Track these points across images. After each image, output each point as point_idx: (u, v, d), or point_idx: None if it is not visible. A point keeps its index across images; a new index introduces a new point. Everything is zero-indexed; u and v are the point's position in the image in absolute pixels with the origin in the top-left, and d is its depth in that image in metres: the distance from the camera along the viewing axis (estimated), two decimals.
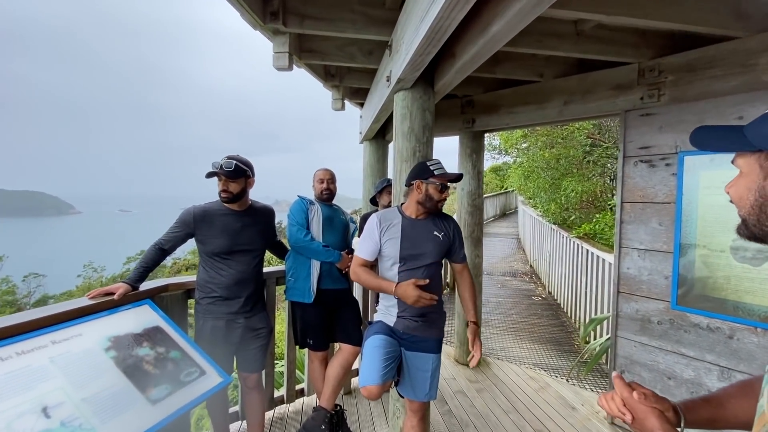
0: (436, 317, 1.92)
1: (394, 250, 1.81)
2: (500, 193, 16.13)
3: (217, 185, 2.02)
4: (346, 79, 3.11)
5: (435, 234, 1.83)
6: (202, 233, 2.04)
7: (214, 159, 2.15)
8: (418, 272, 1.80)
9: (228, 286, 2.04)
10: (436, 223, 1.87)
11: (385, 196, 2.94)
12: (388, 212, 1.91)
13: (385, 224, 1.86)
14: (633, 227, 2.53)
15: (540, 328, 4.53)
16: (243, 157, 2.07)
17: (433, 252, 1.81)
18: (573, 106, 2.83)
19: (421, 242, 1.81)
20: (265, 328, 2.16)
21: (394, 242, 1.82)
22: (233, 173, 1.97)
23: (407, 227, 1.83)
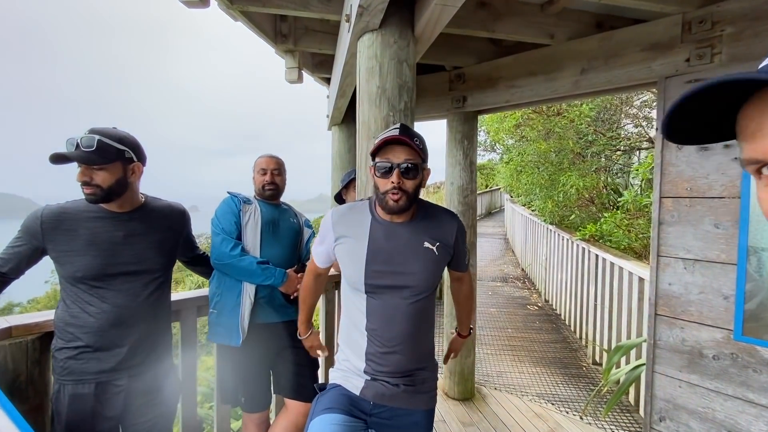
0: (426, 376, 1.25)
1: (355, 270, 1.17)
2: (485, 191, 15.66)
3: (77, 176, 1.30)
4: (302, 42, 2.41)
5: (426, 246, 1.19)
6: (57, 248, 1.30)
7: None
8: (397, 309, 1.16)
9: (99, 330, 1.31)
10: (427, 226, 1.22)
11: (352, 192, 2.25)
12: (354, 207, 1.28)
13: (344, 225, 1.23)
14: (677, 230, 1.92)
15: (540, 345, 3.92)
16: (123, 132, 1.35)
17: (422, 276, 1.17)
18: (593, 75, 2.20)
19: (401, 260, 1.16)
20: (165, 389, 1.44)
21: (355, 258, 1.18)
22: (96, 155, 1.25)
23: (378, 234, 1.18)
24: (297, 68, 2.47)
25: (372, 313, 1.18)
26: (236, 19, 2.09)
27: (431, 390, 1.28)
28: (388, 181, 1.11)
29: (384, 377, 1.18)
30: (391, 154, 1.11)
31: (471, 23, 2.17)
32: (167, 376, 1.47)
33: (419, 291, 1.17)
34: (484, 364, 3.50)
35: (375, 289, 1.16)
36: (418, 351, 1.21)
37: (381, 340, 1.16)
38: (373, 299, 1.17)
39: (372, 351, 1.18)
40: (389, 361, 1.17)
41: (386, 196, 1.12)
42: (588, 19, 2.27)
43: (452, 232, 1.25)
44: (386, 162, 1.11)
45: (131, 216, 1.40)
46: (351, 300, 1.24)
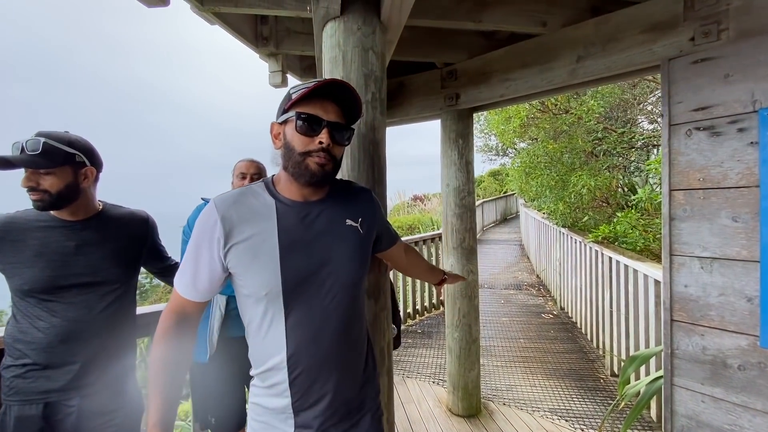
0: (369, 391, 1.02)
1: (267, 276, 0.86)
2: (500, 197, 15.36)
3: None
4: (285, 44, 2.35)
5: (349, 224, 0.96)
6: (4, 259, 1.24)
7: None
8: (328, 314, 0.90)
9: (48, 346, 1.23)
10: (344, 202, 0.98)
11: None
12: (245, 191, 0.94)
13: (238, 218, 0.88)
14: (690, 226, 1.73)
15: (555, 356, 3.67)
16: (75, 136, 1.29)
17: (352, 262, 0.93)
18: (590, 62, 2.05)
19: (324, 246, 0.91)
20: (123, 410, 1.34)
21: (264, 259, 0.86)
22: (41, 158, 1.18)
23: (289, 220, 0.90)
24: (281, 72, 2.40)
25: (293, 330, 0.87)
26: (213, 23, 2.04)
27: (374, 413, 1.02)
28: (312, 139, 0.87)
29: (318, 416, 0.90)
30: (320, 109, 0.88)
31: (455, 14, 2.06)
32: (127, 396, 1.37)
33: (350, 283, 0.92)
34: (493, 377, 3.29)
35: (297, 295, 0.87)
36: (352, 369, 0.97)
37: (306, 365, 0.88)
38: (296, 310, 0.88)
39: (295, 383, 0.89)
40: (318, 392, 0.90)
41: (306, 158, 0.86)
42: (583, 4, 2.13)
43: (372, 206, 1.04)
44: (315, 116, 0.87)
45: (85, 224, 1.33)
46: (260, 322, 0.90)
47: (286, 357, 0.88)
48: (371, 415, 1.00)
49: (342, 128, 0.91)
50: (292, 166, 0.88)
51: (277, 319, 0.88)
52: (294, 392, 0.89)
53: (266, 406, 0.92)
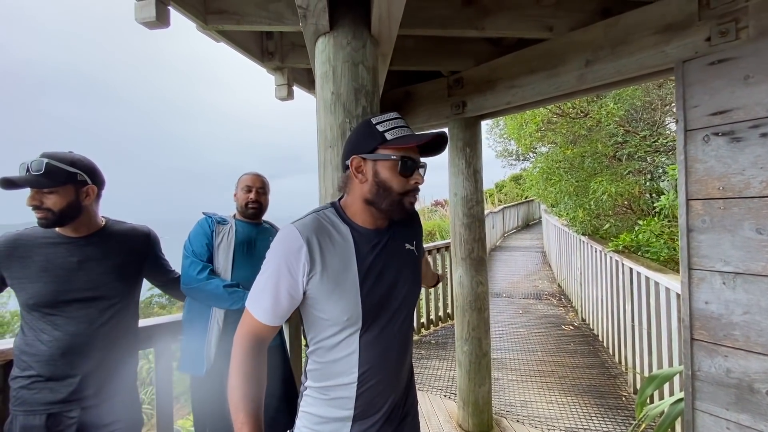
0: (410, 410, 1.08)
1: (348, 303, 0.89)
2: (522, 202, 15.02)
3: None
4: (290, 58, 2.38)
5: (408, 248, 1.03)
6: (12, 275, 1.29)
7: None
8: (393, 335, 0.95)
9: (51, 358, 1.27)
10: (400, 227, 1.04)
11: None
12: (322, 218, 0.95)
13: (322, 245, 0.90)
14: (710, 238, 1.61)
15: (574, 370, 3.52)
16: (78, 155, 1.33)
17: (414, 288, 1.01)
18: (599, 67, 1.96)
19: (393, 272, 0.96)
20: (121, 423, 1.36)
21: (345, 286, 0.89)
22: (45, 178, 1.23)
23: (363, 248, 0.93)
24: (286, 85, 2.43)
25: (367, 350, 0.92)
26: (218, 41, 2.08)
27: (416, 406, 1.14)
28: (408, 180, 0.93)
29: (374, 424, 0.95)
30: (412, 149, 0.94)
31: (457, 23, 2.02)
32: (126, 409, 1.40)
33: (411, 304, 1.01)
34: (507, 392, 3.18)
35: (373, 320, 0.92)
36: (407, 381, 1.06)
37: (375, 381, 0.93)
38: (369, 333, 0.92)
39: (364, 396, 0.93)
40: (380, 404, 0.96)
41: (404, 198, 0.93)
42: (592, 6, 2.05)
43: (420, 227, 1.13)
44: (418, 160, 0.95)
45: (88, 240, 1.37)
46: (333, 344, 0.92)
47: (357, 376, 0.92)
48: (412, 418, 1.08)
49: (424, 164, 0.98)
50: (388, 204, 0.92)
51: (353, 342, 0.91)
52: (358, 405, 0.93)
53: (324, 416, 0.95)
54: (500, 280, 7.03)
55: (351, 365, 0.92)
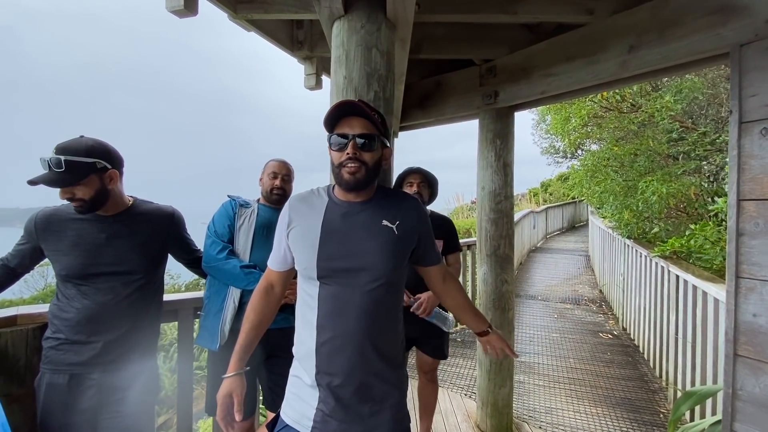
0: (387, 390, 1.07)
1: (307, 254, 1.07)
2: (568, 203, 14.27)
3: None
4: (320, 47, 2.39)
5: (384, 224, 1.09)
6: (49, 247, 1.41)
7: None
8: (351, 298, 1.04)
9: (78, 324, 1.38)
10: (386, 206, 1.13)
11: (406, 189, 2.10)
12: (313, 191, 1.20)
13: (300, 209, 1.14)
14: (763, 243, 1.44)
15: (608, 381, 3.30)
16: (90, 140, 1.37)
17: (379, 257, 1.05)
18: (644, 53, 1.80)
19: (357, 240, 1.07)
20: (136, 389, 1.45)
21: (307, 241, 1.08)
22: (69, 174, 1.30)
23: (334, 215, 1.10)
24: (315, 74, 2.46)
25: (323, 302, 1.05)
26: (249, 30, 2.14)
27: (396, 411, 1.08)
28: (343, 153, 1.05)
29: (337, 388, 1.02)
30: (347, 126, 1.06)
31: (487, 7, 1.94)
32: (143, 377, 1.49)
33: (377, 276, 1.04)
34: (532, 396, 3.05)
35: (328, 274, 1.04)
36: (374, 353, 1.05)
37: (331, 335, 1.03)
38: (325, 286, 1.05)
39: (321, 351, 1.04)
40: (339, 363, 1.02)
41: (341, 169, 1.05)
42: None
43: (413, 214, 1.15)
44: (342, 134, 1.05)
45: (116, 218, 1.46)
46: (303, 293, 1.11)
47: (316, 327, 1.04)
48: (392, 414, 1.07)
49: (368, 137, 1.05)
50: (335, 176, 1.09)
51: (314, 292, 1.06)
52: (318, 362, 1.03)
53: (298, 375, 1.10)
54: (537, 283, 6.74)
55: (312, 316, 1.06)
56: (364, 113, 1.05)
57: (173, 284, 7.35)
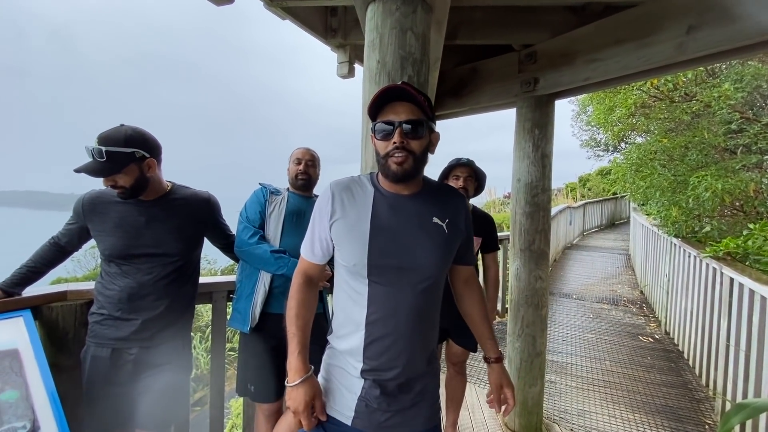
0: (428, 383, 1.07)
1: (356, 250, 1.00)
2: (608, 199, 13.59)
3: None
4: (353, 35, 2.37)
5: (435, 222, 1.03)
6: (94, 227, 1.49)
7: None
8: (403, 297, 0.99)
9: (119, 301, 1.45)
10: (435, 201, 1.06)
11: (452, 182, 2.02)
12: (355, 179, 1.11)
13: (344, 199, 1.05)
14: None
15: (647, 386, 3.13)
16: (130, 129, 1.41)
17: (432, 257, 1.00)
18: (705, 34, 1.65)
19: (409, 237, 1.01)
20: (171, 365, 1.51)
21: (356, 235, 1.01)
22: (110, 163, 1.35)
23: (382, 208, 1.03)
24: (347, 62, 2.44)
25: (373, 301, 1.00)
26: (284, 18, 2.15)
27: (433, 401, 1.08)
28: (389, 142, 0.98)
29: (383, 382, 1.01)
30: (392, 113, 0.99)
31: None
32: (178, 354, 1.55)
33: (428, 275, 1.00)
34: (563, 397, 2.94)
35: (379, 272, 0.99)
36: (421, 349, 1.04)
37: (381, 335, 1.00)
38: (376, 285, 1.00)
39: (369, 348, 1.01)
40: (388, 361, 1.00)
41: (388, 159, 0.99)
42: None
43: (461, 213, 1.09)
44: (387, 121, 0.98)
45: (155, 203, 1.52)
46: (348, 289, 1.05)
47: (365, 322, 1.00)
48: (430, 404, 1.06)
49: (415, 123, 0.98)
50: (381, 166, 1.03)
51: (363, 289, 1.01)
52: (366, 358, 1.00)
53: (340, 366, 1.06)
54: (572, 281, 6.48)
55: (360, 315, 1.01)
56: (411, 97, 0.98)
57: (210, 269, 7.67)
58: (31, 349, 1.38)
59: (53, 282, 5.45)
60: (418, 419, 1.04)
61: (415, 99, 0.98)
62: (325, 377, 1.11)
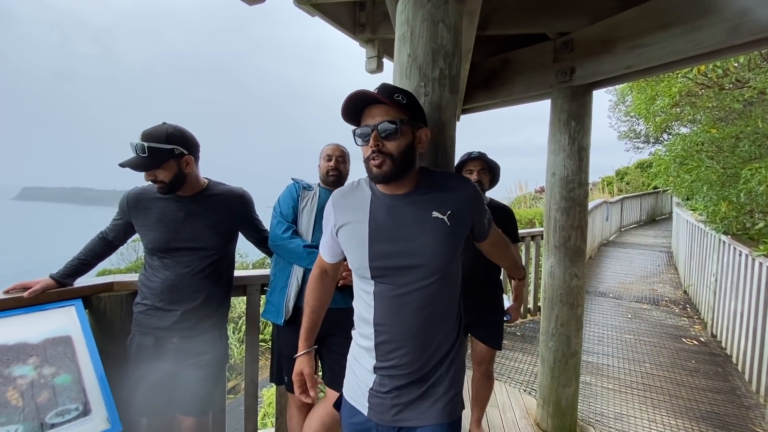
0: (442, 374, 1.05)
1: (358, 254, 1.04)
2: (648, 193, 12.92)
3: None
4: (382, 29, 2.35)
5: (435, 216, 1.01)
6: (138, 222, 1.58)
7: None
8: (408, 295, 1.00)
9: (161, 292, 1.52)
10: (433, 195, 1.04)
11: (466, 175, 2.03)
12: (355, 185, 1.16)
13: (345, 206, 1.11)
14: None
15: (691, 391, 2.97)
16: (171, 127, 1.47)
17: (434, 251, 0.99)
18: (763, 14, 1.51)
19: (408, 235, 1.01)
20: (209, 355, 1.57)
21: (357, 240, 1.04)
22: (151, 159, 1.41)
23: (379, 211, 1.04)
24: (376, 57, 2.43)
25: (379, 300, 1.03)
26: (313, 15, 2.16)
27: (452, 395, 1.06)
28: (368, 146, 0.99)
29: (394, 378, 1.03)
30: (369, 117, 1.00)
31: None
32: (215, 344, 1.61)
33: (432, 271, 1.00)
34: (600, 399, 2.84)
35: (382, 273, 1.01)
36: (432, 345, 1.04)
37: (390, 333, 1.02)
38: (380, 285, 1.03)
39: (379, 348, 1.04)
40: (398, 358, 1.02)
41: (368, 163, 1.00)
42: None
43: (465, 197, 1.05)
44: (364, 125, 1.00)
45: (193, 199, 1.58)
46: (359, 290, 1.10)
47: (373, 325, 1.04)
48: (446, 398, 1.05)
49: (390, 126, 0.97)
50: (366, 170, 1.04)
51: (369, 290, 1.05)
52: (377, 355, 1.04)
53: (360, 361, 1.11)
54: (608, 279, 6.22)
55: (369, 315, 1.05)
56: (380, 100, 0.96)
57: (242, 262, 7.92)
58: (83, 336, 1.48)
59: (99, 273, 5.81)
60: (432, 412, 1.03)
61: (388, 100, 0.96)
62: (348, 368, 1.17)
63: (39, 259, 34.07)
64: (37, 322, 1.44)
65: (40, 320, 1.45)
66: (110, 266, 7.13)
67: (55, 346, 1.40)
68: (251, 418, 1.95)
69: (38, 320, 1.45)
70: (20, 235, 76.62)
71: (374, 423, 1.05)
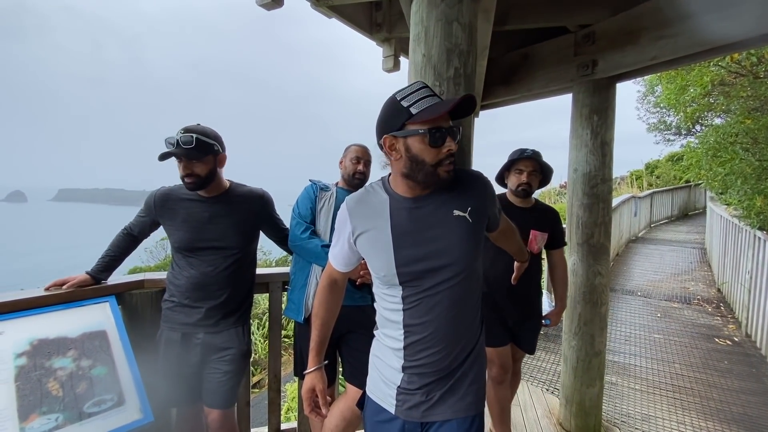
0: (467, 369, 1.06)
1: (384, 261, 1.01)
2: (679, 187, 12.40)
3: (178, 168, 1.56)
4: (398, 28, 2.36)
5: (457, 215, 1.00)
6: (165, 222, 1.65)
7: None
8: (439, 296, 0.99)
9: (187, 290, 1.59)
10: (452, 193, 1.03)
11: (513, 176, 1.93)
12: (368, 190, 1.11)
13: (362, 213, 1.07)
14: None
15: (724, 393, 2.85)
16: (207, 127, 1.57)
17: (461, 250, 0.99)
18: None
19: (433, 237, 0.99)
20: (233, 350, 1.63)
21: (380, 247, 1.02)
22: (196, 150, 1.48)
23: (401, 215, 1.02)
24: (393, 56, 2.44)
25: (408, 303, 1.02)
26: (330, 17, 2.19)
27: (476, 388, 1.07)
28: (440, 150, 0.94)
29: (422, 375, 1.03)
30: (440, 117, 0.94)
31: None
32: (239, 340, 1.66)
33: (460, 270, 0.99)
34: (626, 400, 2.77)
35: (410, 277, 1.00)
36: (459, 342, 1.05)
37: (420, 334, 1.01)
38: (410, 289, 1.01)
39: (409, 348, 1.03)
40: (427, 357, 1.02)
41: (438, 168, 0.95)
42: None
43: (481, 193, 1.06)
44: (439, 128, 0.93)
45: (217, 200, 1.64)
46: (384, 296, 1.08)
47: (402, 328, 1.03)
48: (472, 393, 1.05)
49: (455, 128, 0.97)
50: (423, 176, 0.97)
51: (397, 296, 1.03)
52: (406, 356, 1.03)
53: (385, 361, 1.10)
54: (636, 276, 6.03)
55: (397, 318, 1.03)
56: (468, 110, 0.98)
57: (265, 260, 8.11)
58: (117, 330, 1.56)
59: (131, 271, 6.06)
60: (460, 405, 1.04)
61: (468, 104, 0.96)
62: (372, 366, 1.16)
63: (73, 259, 35.69)
64: (75, 317, 1.54)
65: (78, 316, 1.55)
66: (141, 264, 7.44)
67: (91, 340, 1.49)
68: (275, 411, 2.01)
69: (76, 316, 1.54)
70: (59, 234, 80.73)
71: (402, 420, 1.06)
